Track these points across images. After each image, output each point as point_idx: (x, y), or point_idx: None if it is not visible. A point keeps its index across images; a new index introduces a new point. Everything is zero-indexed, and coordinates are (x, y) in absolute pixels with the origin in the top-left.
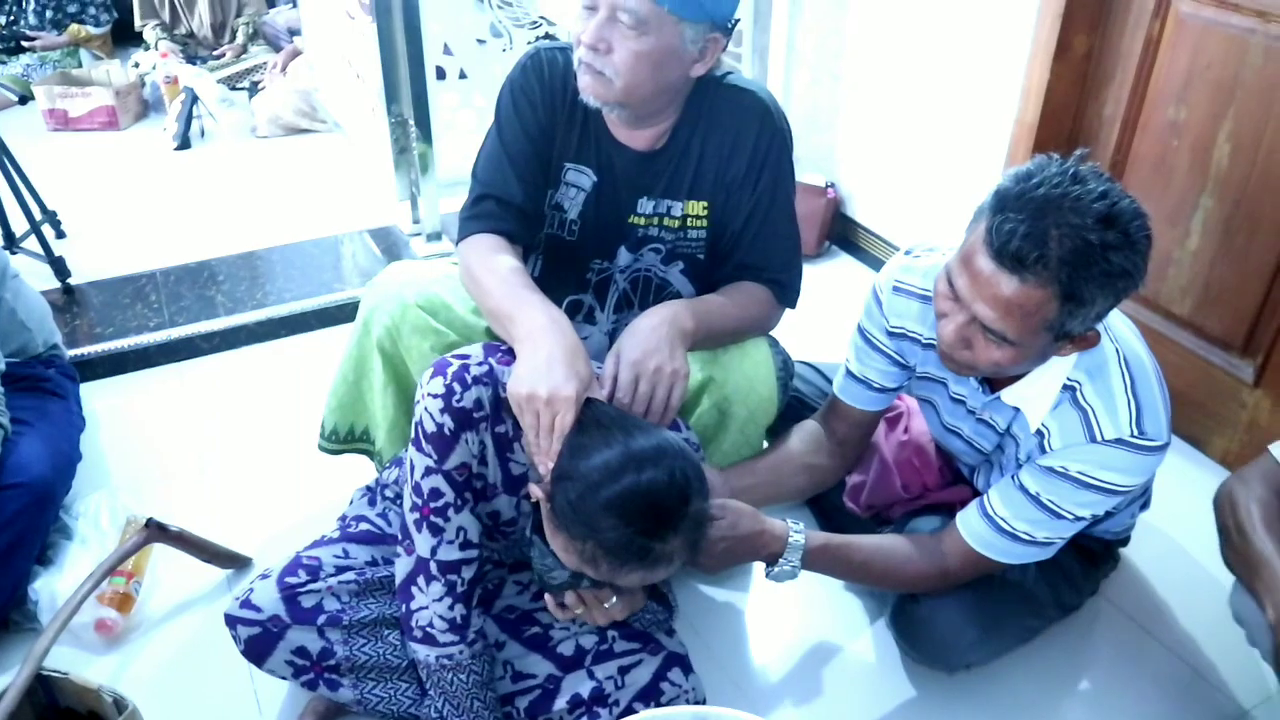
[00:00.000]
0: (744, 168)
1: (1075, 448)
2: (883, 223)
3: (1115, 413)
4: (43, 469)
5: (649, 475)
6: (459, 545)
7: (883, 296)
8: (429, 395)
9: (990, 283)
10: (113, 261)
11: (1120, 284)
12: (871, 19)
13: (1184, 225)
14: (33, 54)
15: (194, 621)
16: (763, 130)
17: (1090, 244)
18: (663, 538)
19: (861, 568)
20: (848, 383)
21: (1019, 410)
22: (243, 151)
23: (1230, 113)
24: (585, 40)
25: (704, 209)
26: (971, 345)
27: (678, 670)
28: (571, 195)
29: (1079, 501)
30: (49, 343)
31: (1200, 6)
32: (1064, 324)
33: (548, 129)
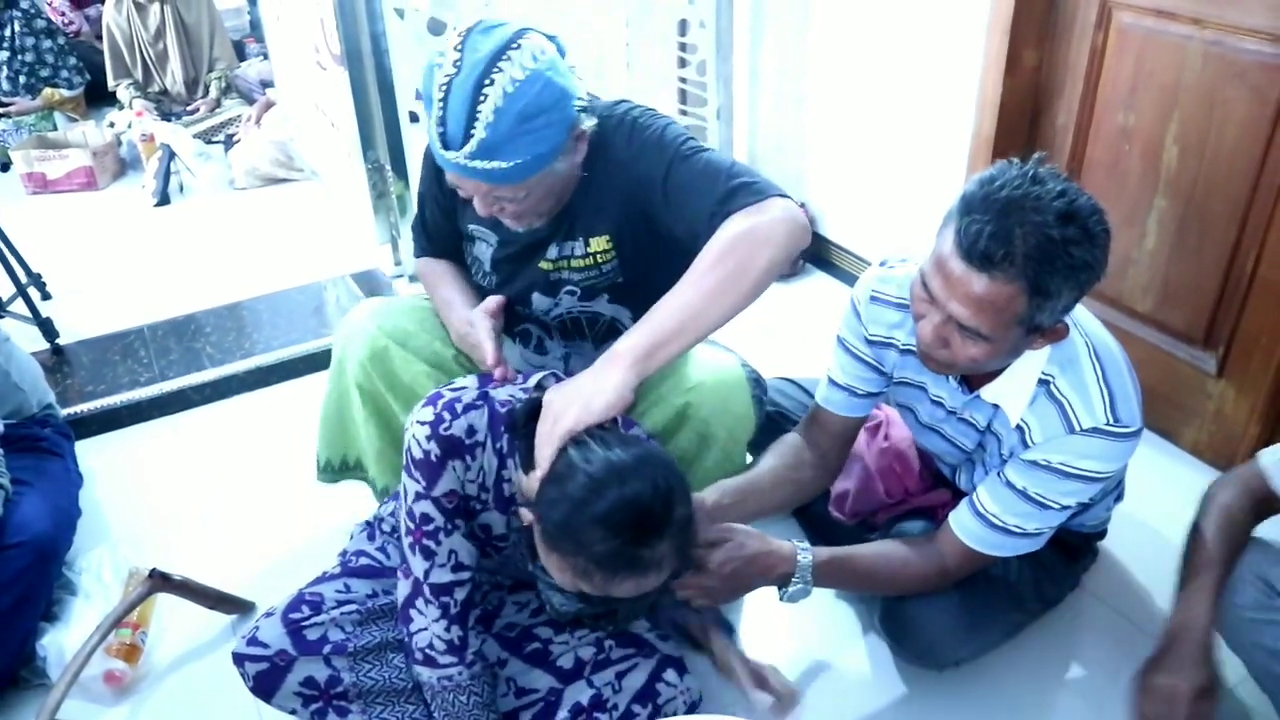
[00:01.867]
0: (638, 186)
1: (1055, 440)
2: (854, 238)
3: (1090, 403)
4: (44, 527)
5: (632, 486)
6: (450, 568)
7: (860, 307)
8: (417, 423)
9: (962, 282)
10: (100, 320)
11: (1083, 276)
12: (831, 41)
13: (1140, 226)
14: (7, 119)
15: (201, 668)
16: (635, 145)
17: (1053, 239)
18: (650, 545)
19: (867, 576)
20: (832, 391)
21: (998, 407)
22: (222, 204)
23: (1175, 116)
24: (480, 211)
25: (608, 242)
26: (949, 344)
27: (672, 671)
28: (481, 250)
29: (1063, 491)
30: (43, 403)
31: (1140, 16)
32: (1034, 317)
33: (449, 201)
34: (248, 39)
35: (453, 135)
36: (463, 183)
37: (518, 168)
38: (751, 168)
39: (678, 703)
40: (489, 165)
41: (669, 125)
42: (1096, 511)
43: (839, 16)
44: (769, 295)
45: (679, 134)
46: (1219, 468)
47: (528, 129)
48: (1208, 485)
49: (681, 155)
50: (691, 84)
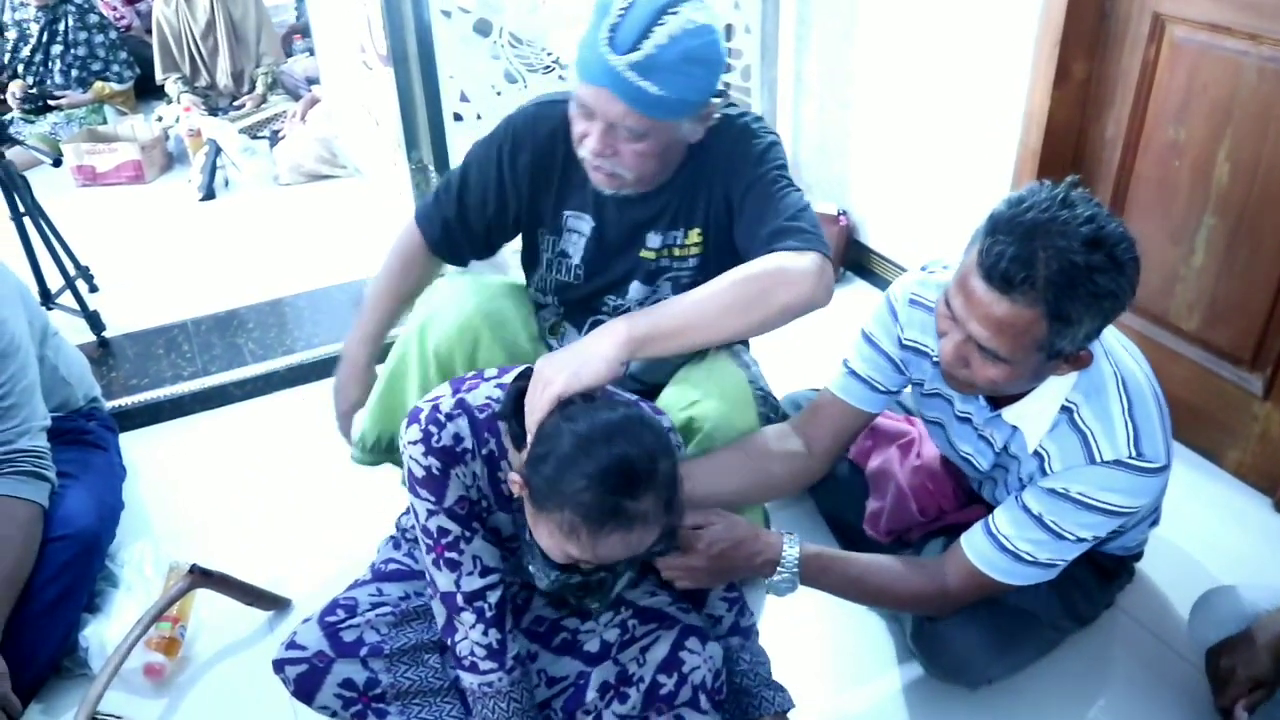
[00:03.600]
0: (724, 183)
1: (1075, 469)
2: (895, 247)
3: (1113, 435)
4: (89, 520)
5: (619, 442)
6: (479, 574)
7: (898, 307)
8: (409, 444)
9: (982, 303)
10: (145, 313)
11: (1107, 304)
12: (876, 48)
13: (1188, 243)
14: (59, 112)
15: (238, 662)
16: (740, 150)
17: (1076, 265)
18: (636, 497)
19: (857, 581)
20: (849, 381)
21: (1017, 429)
22: (266, 199)
23: (1228, 132)
24: (591, 148)
25: (699, 236)
26: (969, 363)
27: (695, 639)
28: (574, 241)
29: (1080, 523)
30: (89, 396)
31: (1194, 30)
32: (1054, 343)
33: (526, 186)
34: (294, 35)
35: (623, 40)
36: (602, 101)
37: (663, 101)
38: (816, 219)
39: (702, 670)
40: (642, 83)
41: (774, 144)
42: (1131, 536)
43: (885, 23)
44: None
45: (778, 157)
46: (1262, 490)
47: (687, 70)
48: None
49: (770, 178)
50: (736, 89)
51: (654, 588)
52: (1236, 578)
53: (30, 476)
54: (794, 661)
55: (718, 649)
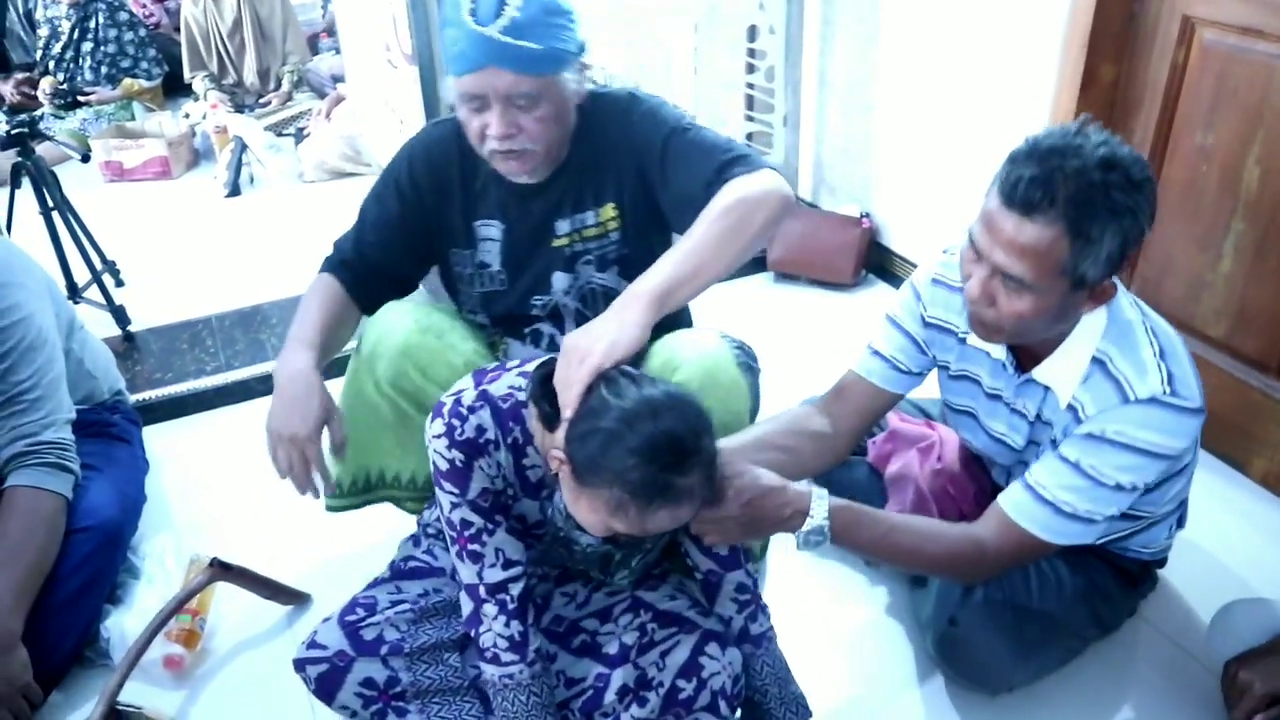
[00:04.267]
0: (630, 152)
1: (1110, 410)
2: (918, 251)
3: (1146, 375)
4: (112, 512)
5: (665, 418)
6: (501, 566)
7: (920, 288)
8: (433, 438)
9: (1004, 229)
10: (170, 308)
11: (1126, 222)
12: (902, 49)
13: (1216, 249)
14: (88, 108)
15: (257, 656)
16: (630, 111)
17: (1094, 183)
18: (684, 472)
19: (889, 536)
20: (871, 359)
21: (1049, 390)
22: (290, 196)
23: (1259, 137)
24: (496, 133)
25: (614, 210)
26: (995, 300)
27: (715, 645)
28: (489, 248)
29: (1119, 465)
30: (113, 389)
31: (1225, 33)
32: (1077, 265)
33: (432, 207)
34: (321, 34)
35: (485, 12)
36: (489, 80)
37: (544, 55)
38: (742, 144)
39: (722, 676)
40: (520, 44)
41: (664, 103)
42: (1156, 534)
43: (909, 25)
44: (833, 305)
45: (676, 111)
46: None
47: (552, 20)
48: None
49: (681, 128)
50: (759, 90)
51: (674, 591)
52: (1261, 588)
53: (55, 468)
54: (811, 670)
55: (737, 654)
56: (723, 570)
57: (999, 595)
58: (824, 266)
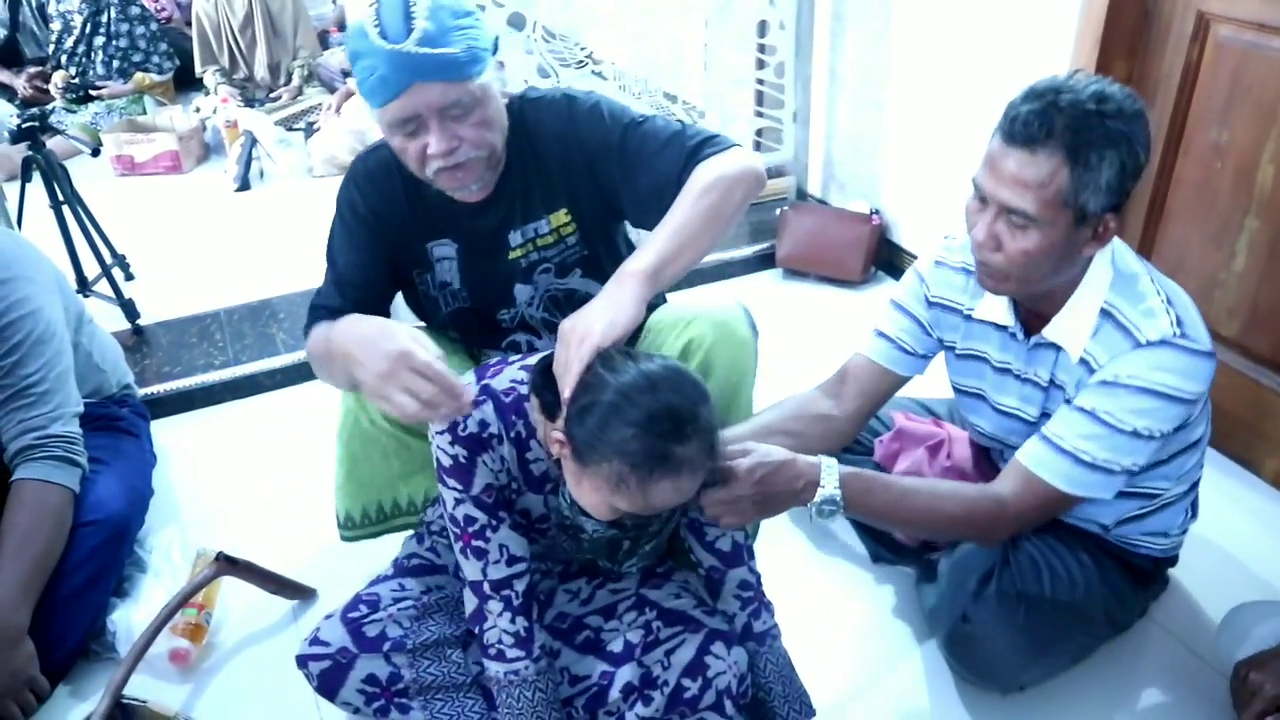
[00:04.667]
0: (590, 147)
1: (1121, 356)
2: (928, 248)
3: (1155, 318)
4: (119, 506)
5: (663, 390)
6: (505, 562)
7: (923, 271)
8: (436, 434)
9: (1007, 166)
10: (179, 302)
11: (1122, 150)
12: (913, 46)
13: (1229, 247)
14: (100, 103)
15: (262, 650)
16: (572, 111)
17: (1089, 113)
18: (681, 440)
19: (904, 498)
20: (877, 341)
21: (1060, 351)
22: (300, 191)
23: (1273, 134)
24: (437, 149)
25: (567, 215)
26: (1001, 243)
27: (720, 644)
28: (447, 267)
29: (1135, 409)
30: (122, 383)
31: (1240, 29)
32: (1078, 195)
33: (386, 231)
34: (331, 28)
35: (394, 30)
36: (420, 97)
37: (465, 59)
38: (701, 126)
39: (727, 676)
40: (439, 52)
41: (603, 98)
42: (1171, 518)
43: (921, 21)
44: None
45: (619, 106)
46: None
47: (461, 24)
48: None
49: (634, 122)
50: (769, 86)
51: (679, 589)
52: (1273, 589)
53: (62, 462)
54: (816, 667)
55: (743, 654)
56: (725, 567)
57: (1011, 590)
58: (833, 263)
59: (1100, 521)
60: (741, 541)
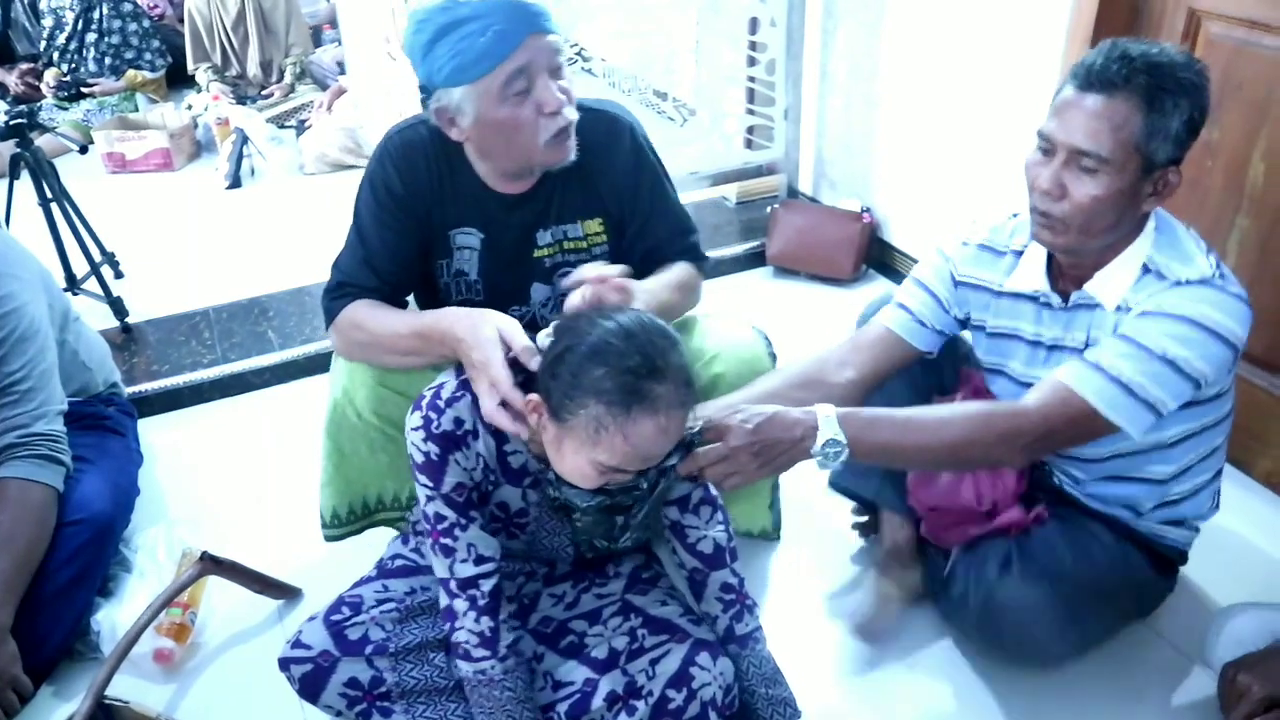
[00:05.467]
0: (628, 178)
1: (1160, 292)
2: (919, 246)
3: (1194, 262)
4: (103, 505)
5: (631, 329)
6: (472, 561)
7: (949, 251)
8: (411, 430)
9: (1083, 108)
10: (168, 300)
11: (1192, 100)
12: (904, 44)
13: (1220, 245)
14: (92, 100)
15: (247, 650)
16: (633, 141)
17: (1161, 61)
18: (655, 377)
19: (910, 426)
20: (897, 312)
21: (1095, 310)
22: (291, 189)
23: (1264, 132)
24: (554, 106)
25: (600, 225)
26: (1066, 191)
27: (705, 655)
28: (466, 257)
29: (1173, 335)
30: (109, 381)
31: (1231, 26)
32: (1150, 141)
33: (416, 211)
34: (324, 25)
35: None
36: (535, 49)
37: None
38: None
39: (712, 687)
40: (538, 3)
41: (647, 138)
42: (1197, 505)
43: (913, 17)
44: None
45: (655, 153)
46: None
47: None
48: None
49: (661, 182)
50: (760, 83)
51: (665, 596)
52: (1265, 590)
53: (46, 460)
54: (810, 668)
55: (729, 665)
56: (708, 569)
57: (1034, 568)
58: (824, 261)
59: (1137, 507)
60: (724, 544)
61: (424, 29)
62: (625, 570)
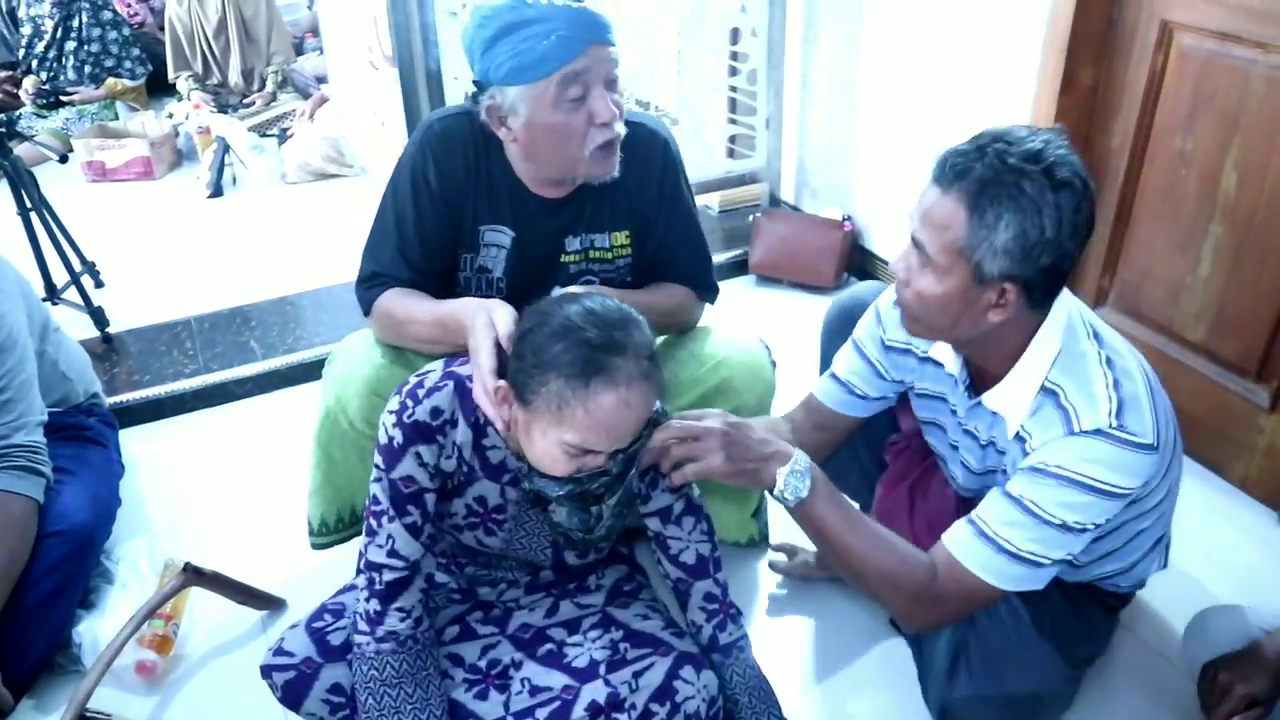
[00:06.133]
0: (655, 194)
1: (1054, 442)
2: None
3: (1094, 405)
4: (84, 516)
5: (587, 306)
6: (385, 552)
7: (882, 311)
8: (387, 411)
9: (922, 200)
10: (149, 309)
11: (1027, 218)
12: (883, 54)
13: (1195, 252)
14: (72, 108)
15: (230, 661)
16: (666, 158)
17: (1008, 168)
18: (614, 350)
19: (856, 525)
20: (830, 385)
21: (998, 417)
22: (273, 197)
23: (1236, 141)
24: (608, 117)
25: (627, 238)
26: (910, 280)
27: (690, 668)
28: (493, 255)
29: (1062, 502)
30: (89, 392)
31: (1202, 38)
32: (974, 249)
33: (451, 202)
34: (306, 34)
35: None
36: (593, 56)
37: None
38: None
39: (696, 700)
40: (602, 13)
41: (684, 170)
42: (1140, 572)
43: (892, 28)
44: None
45: (684, 169)
46: (1269, 504)
47: None
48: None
49: (684, 205)
50: (742, 92)
51: (647, 610)
52: (1240, 592)
53: (25, 471)
54: (799, 679)
55: (712, 678)
56: (691, 579)
57: (984, 660)
58: (806, 269)
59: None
60: (707, 554)
61: (488, 25)
62: (607, 582)
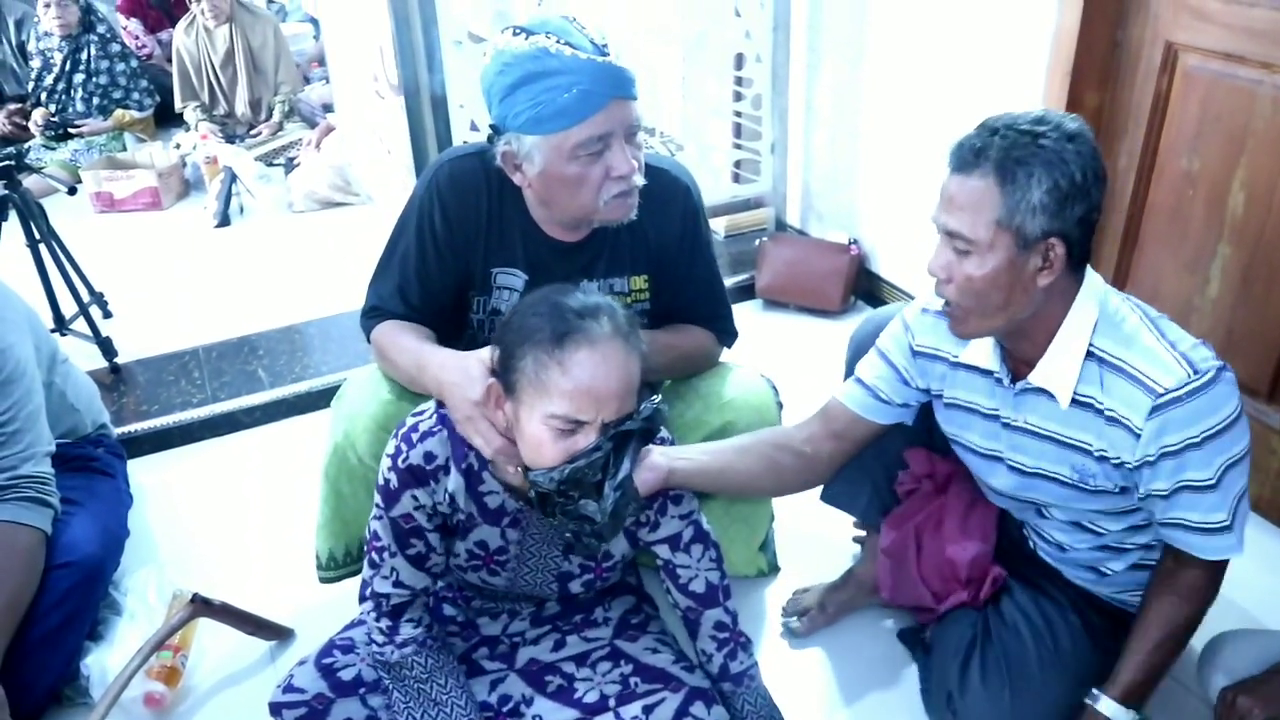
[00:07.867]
0: (675, 239)
1: (1166, 427)
2: (906, 277)
3: (1164, 364)
4: (92, 548)
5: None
6: (391, 583)
7: (909, 319)
8: (386, 455)
9: (950, 191)
10: (157, 339)
11: (1054, 169)
12: (887, 78)
13: (1203, 273)
14: (80, 139)
15: (239, 693)
16: (687, 203)
17: (1022, 133)
18: (584, 314)
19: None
20: (854, 388)
21: (1048, 396)
22: (280, 227)
23: (1243, 161)
24: (625, 170)
25: (645, 282)
26: (951, 274)
27: (700, 704)
28: (506, 298)
29: (1213, 454)
30: (97, 422)
31: (1207, 59)
32: (1013, 216)
33: (458, 246)
34: (312, 63)
35: (585, 45)
36: (618, 114)
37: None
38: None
39: None
40: (628, 68)
41: (705, 216)
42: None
43: (895, 52)
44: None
45: (704, 211)
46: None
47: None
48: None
49: (704, 252)
50: (747, 117)
51: (656, 644)
52: (1255, 614)
53: (33, 503)
54: (800, 705)
55: (723, 714)
56: (701, 608)
57: (996, 670)
58: (813, 293)
59: (1108, 569)
60: (716, 583)
61: (509, 71)
62: (614, 615)
